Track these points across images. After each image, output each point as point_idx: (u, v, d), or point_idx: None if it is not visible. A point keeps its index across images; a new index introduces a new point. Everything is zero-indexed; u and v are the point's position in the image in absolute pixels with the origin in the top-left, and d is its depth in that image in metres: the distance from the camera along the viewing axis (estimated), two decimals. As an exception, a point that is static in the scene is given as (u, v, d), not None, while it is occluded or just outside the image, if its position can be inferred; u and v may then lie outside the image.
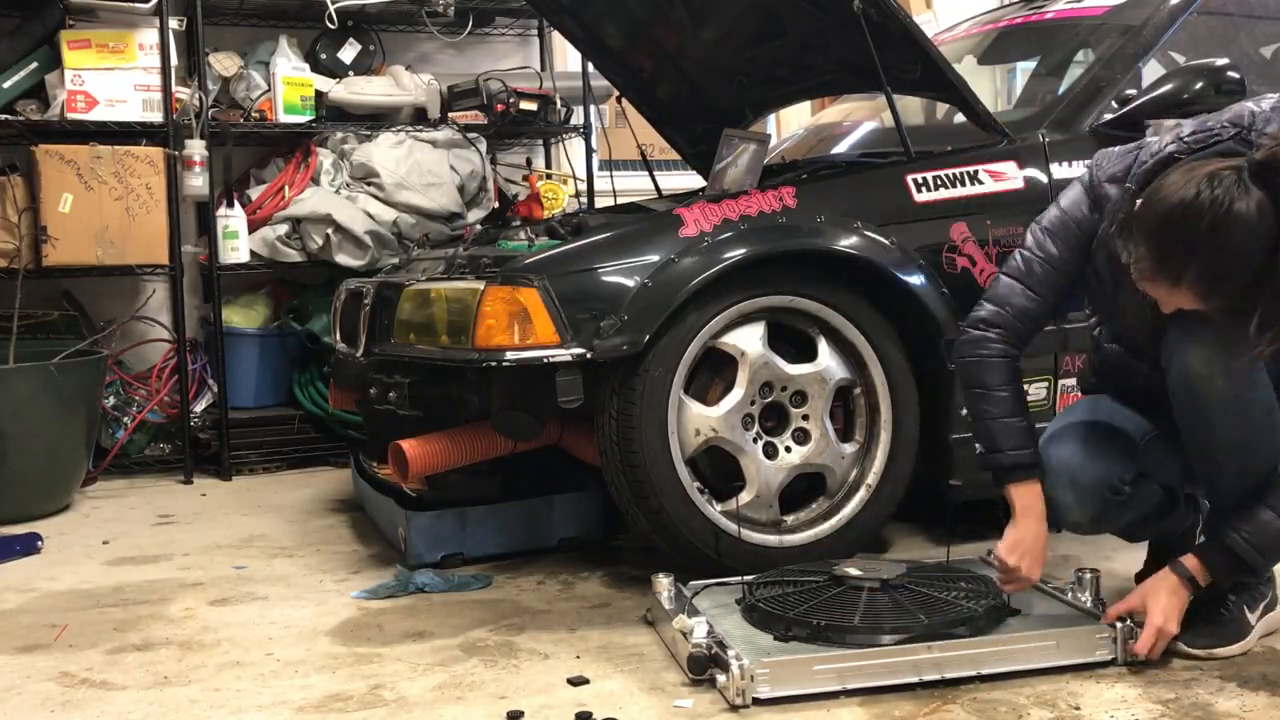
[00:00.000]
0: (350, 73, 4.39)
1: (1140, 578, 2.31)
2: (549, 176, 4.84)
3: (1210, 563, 2.05)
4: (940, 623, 2.04)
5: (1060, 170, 2.77)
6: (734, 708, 1.91)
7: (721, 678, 1.94)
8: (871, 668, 1.97)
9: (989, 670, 2.00)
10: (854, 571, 2.20)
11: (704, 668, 1.98)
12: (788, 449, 2.61)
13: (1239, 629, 2.11)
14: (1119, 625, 2.05)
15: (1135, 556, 2.54)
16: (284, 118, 4.18)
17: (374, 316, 2.84)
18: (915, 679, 1.97)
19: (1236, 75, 2.73)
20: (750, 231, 2.55)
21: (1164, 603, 2.04)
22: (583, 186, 4.82)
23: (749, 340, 2.58)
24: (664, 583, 2.26)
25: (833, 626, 2.03)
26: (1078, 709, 1.89)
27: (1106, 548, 2.77)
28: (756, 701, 1.90)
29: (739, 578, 2.34)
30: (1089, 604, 2.18)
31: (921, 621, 2.04)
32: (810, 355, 2.63)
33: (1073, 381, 2.76)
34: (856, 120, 3.74)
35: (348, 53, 4.40)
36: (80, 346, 3.74)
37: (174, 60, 4.00)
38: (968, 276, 2.68)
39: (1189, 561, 2.06)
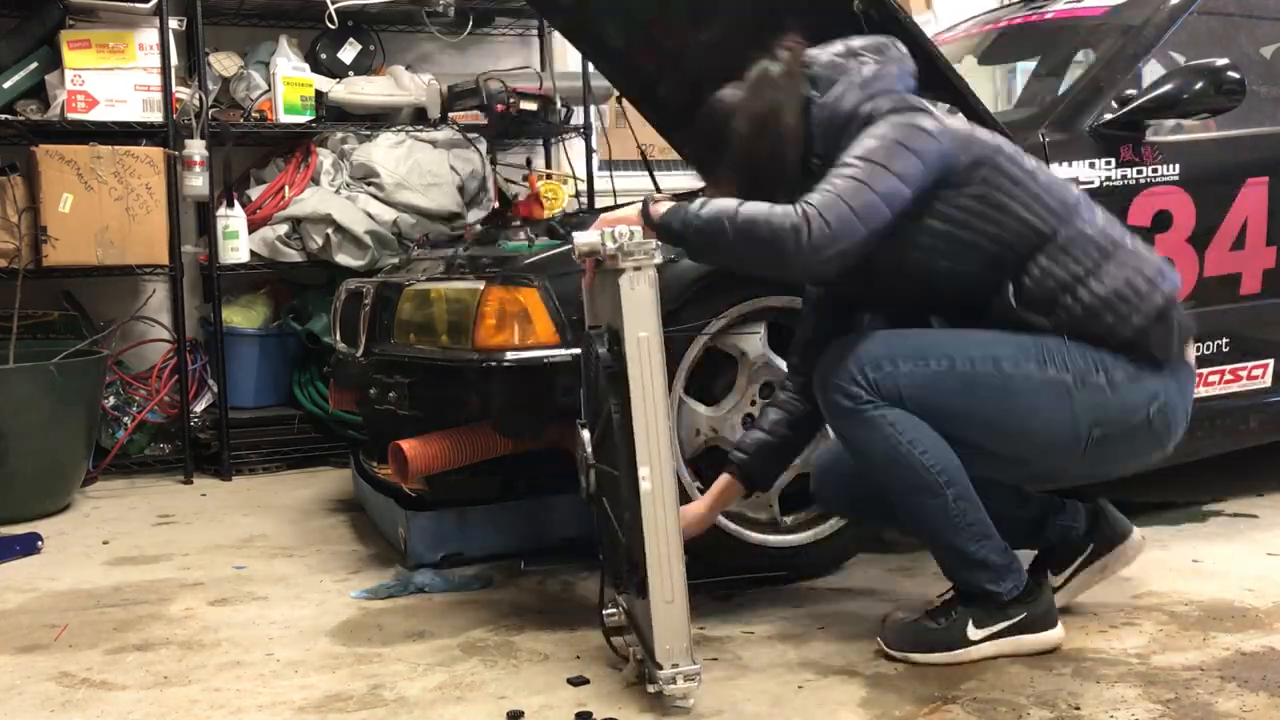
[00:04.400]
0: (350, 73, 4.39)
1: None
2: (549, 176, 4.84)
3: (669, 216, 2.01)
4: None
5: (1060, 170, 2.77)
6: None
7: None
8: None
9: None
10: None
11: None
12: (788, 449, 2.61)
13: (948, 639, 2.10)
14: None
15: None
16: (284, 118, 4.18)
17: (374, 316, 2.84)
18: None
19: (1236, 75, 2.73)
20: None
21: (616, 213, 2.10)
22: (583, 186, 4.82)
23: (749, 340, 2.58)
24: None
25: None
26: (1077, 709, 1.89)
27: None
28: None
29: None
30: None
31: None
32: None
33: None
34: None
35: (348, 53, 4.40)
36: (80, 346, 3.74)
37: (174, 60, 4.00)
38: (968, 276, 2.67)
39: (659, 210, 2.04)
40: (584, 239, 2.00)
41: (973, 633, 2.10)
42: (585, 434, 2.13)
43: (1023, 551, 2.23)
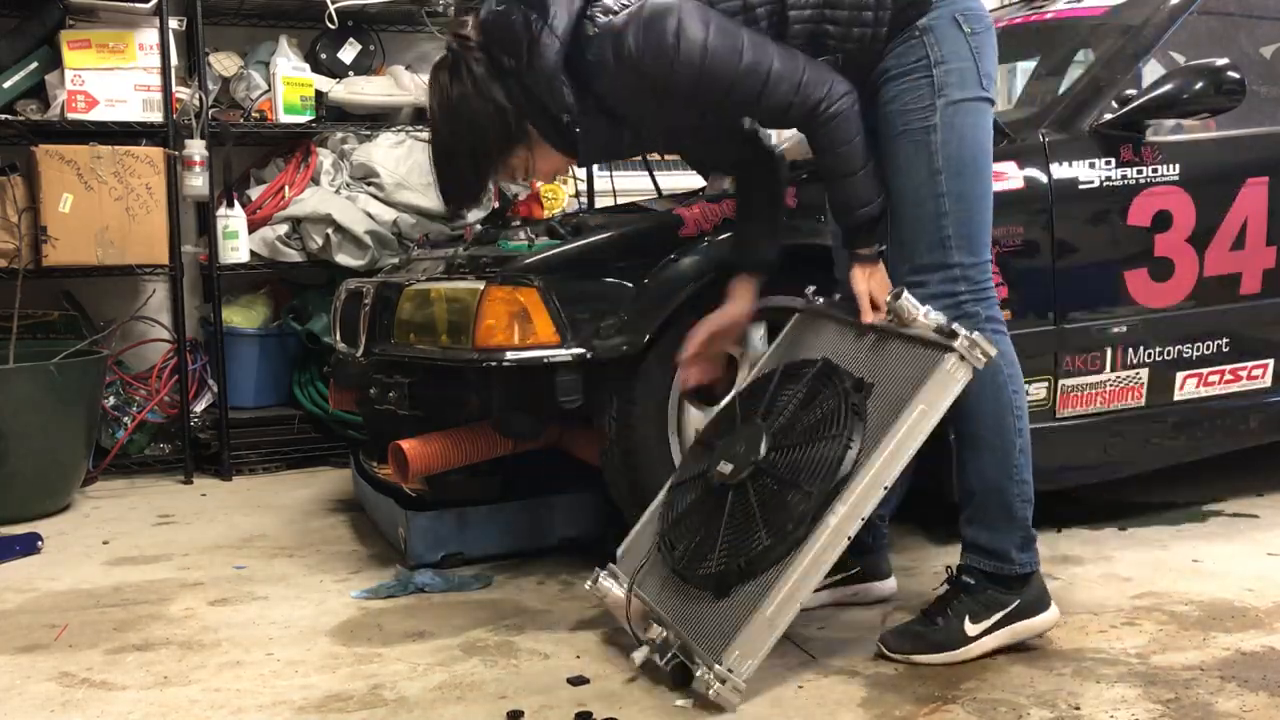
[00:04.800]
0: (350, 73, 4.38)
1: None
2: (549, 176, 4.83)
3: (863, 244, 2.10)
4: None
5: (1060, 170, 2.77)
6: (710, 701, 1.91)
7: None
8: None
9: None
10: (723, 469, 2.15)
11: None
12: (788, 449, 2.61)
13: (949, 639, 2.09)
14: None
15: (1138, 556, 2.54)
16: (284, 118, 4.18)
17: (374, 316, 2.84)
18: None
19: (1236, 75, 2.73)
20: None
21: (858, 275, 2.12)
22: (583, 186, 4.82)
23: (749, 340, 2.57)
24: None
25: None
26: (1077, 709, 1.89)
27: (1108, 547, 2.77)
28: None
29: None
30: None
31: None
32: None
33: (1073, 381, 2.77)
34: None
35: (348, 53, 4.40)
36: (80, 346, 3.74)
37: (174, 60, 4.00)
38: (968, 276, 2.67)
39: (860, 252, 2.11)
40: (928, 314, 2.02)
41: (970, 628, 2.10)
42: (762, 425, 2.13)
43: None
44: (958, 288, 2.09)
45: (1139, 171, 2.81)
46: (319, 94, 4.25)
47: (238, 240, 4.04)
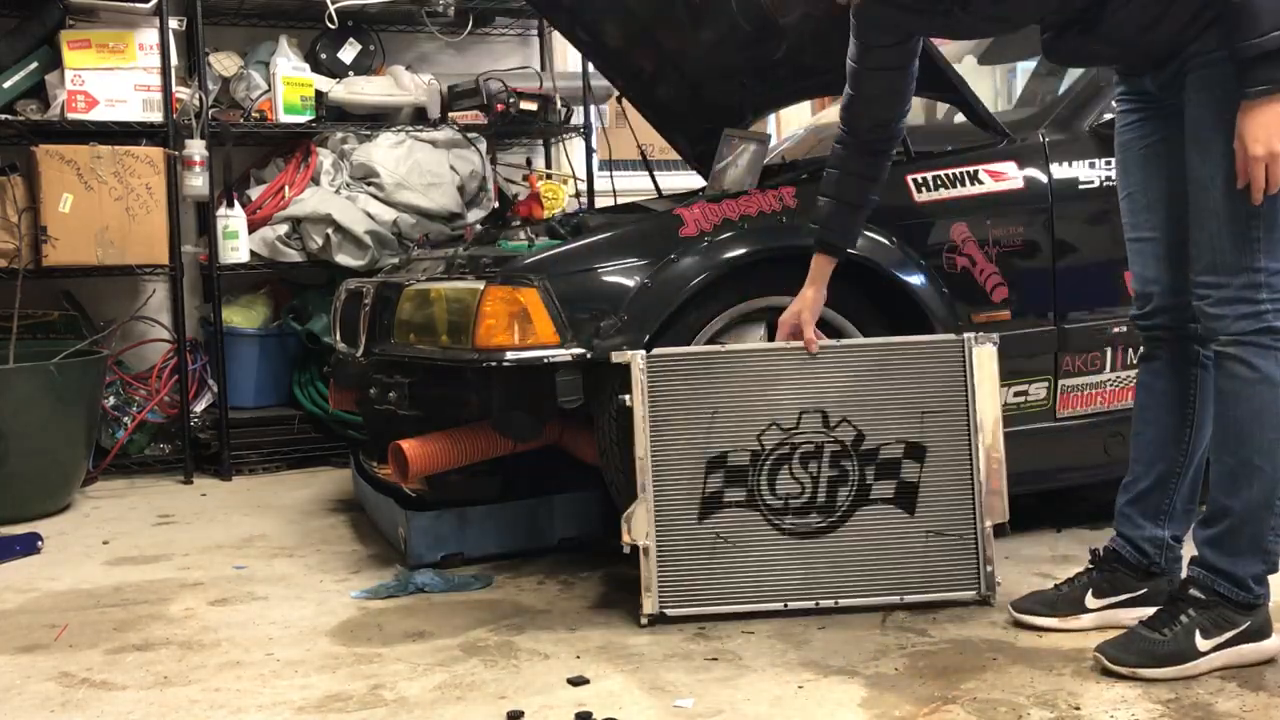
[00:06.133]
0: (350, 73, 4.39)
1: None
2: (549, 176, 4.85)
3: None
4: None
5: (1060, 170, 2.77)
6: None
7: None
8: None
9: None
10: None
11: None
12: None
13: (1179, 652, 1.98)
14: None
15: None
16: (284, 118, 4.18)
17: (374, 316, 2.84)
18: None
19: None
20: (750, 231, 2.56)
21: (1251, 122, 1.86)
22: (583, 186, 4.82)
23: (749, 340, 2.58)
24: None
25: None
26: (1078, 709, 1.89)
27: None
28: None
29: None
30: None
31: None
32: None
33: (1074, 381, 2.76)
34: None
35: (348, 53, 4.40)
36: (80, 346, 3.74)
37: (174, 60, 4.00)
38: (968, 276, 2.68)
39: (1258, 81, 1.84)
40: None
41: (1201, 643, 1.97)
42: None
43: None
44: (1259, 295, 1.94)
45: (1139, 171, 2.80)
46: (319, 94, 4.25)
47: (238, 240, 4.04)
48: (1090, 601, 2.22)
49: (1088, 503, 3.06)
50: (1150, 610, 2.09)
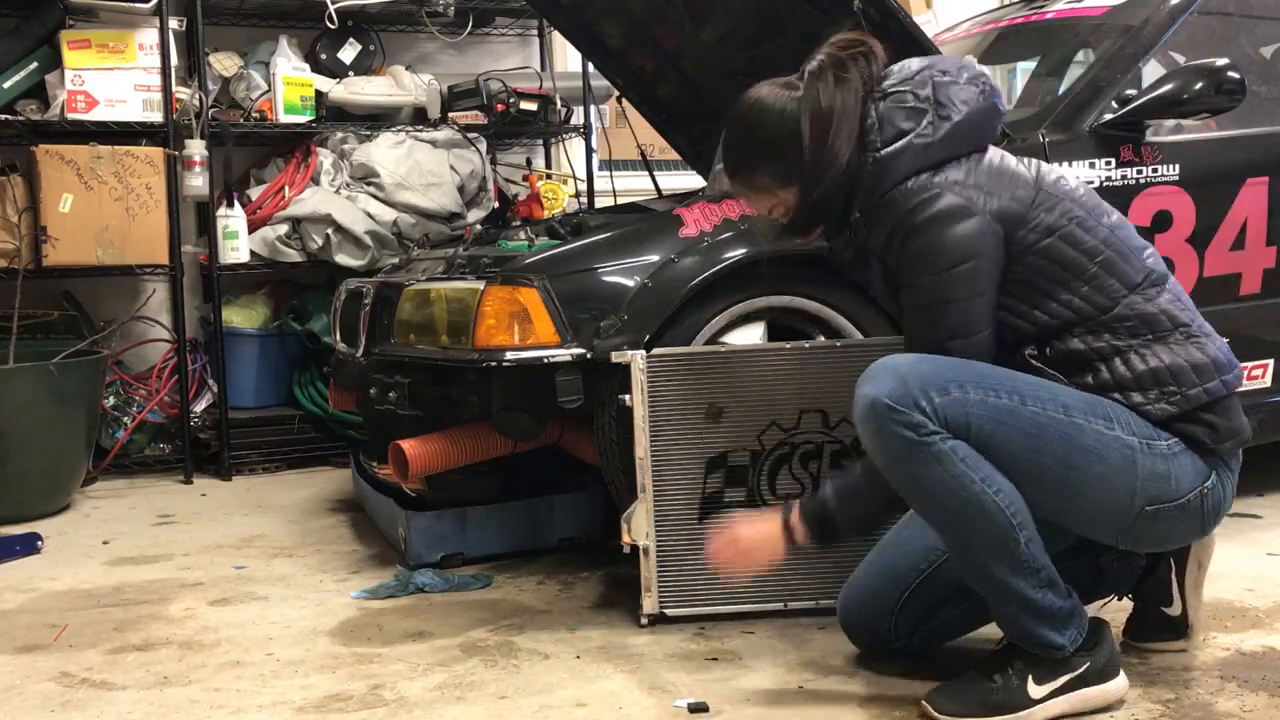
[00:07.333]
0: (350, 73, 4.39)
1: (1128, 630, 2.18)
2: (549, 176, 4.84)
3: (804, 510, 1.94)
4: None
5: (1060, 170, 2.76)
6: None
7: None
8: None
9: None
10: None
11: None
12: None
13: (1009, 702, 1.86)
14: None
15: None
16: (284, 118, 4.18)
17: (374, 316, 2.84)
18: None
19: (1236, 75, 2.73)
20: (750, 231, 2.55)
21: (747, 523, 2.00)
22: (583, 186, 4.82)
23: (749, 340, 2.58)
24: None
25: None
26: (1078, 709, 1.89)
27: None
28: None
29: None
30: None
31: None
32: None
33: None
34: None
35: (348, 53, 4.40)
36: (80, 346, 3.74)
37: (174, 60, 4.00)
38: (968, 276, 2.67)
39: (794, 518, 1.94)
40: None
41: (1034, 690, 1.86)
42: None
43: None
44: None
45: (1139, 171, 2.81)
46: (319, 94, 4.25)
47: (238, 240, 4.04)
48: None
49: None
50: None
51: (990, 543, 1.81)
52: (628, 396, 2.31)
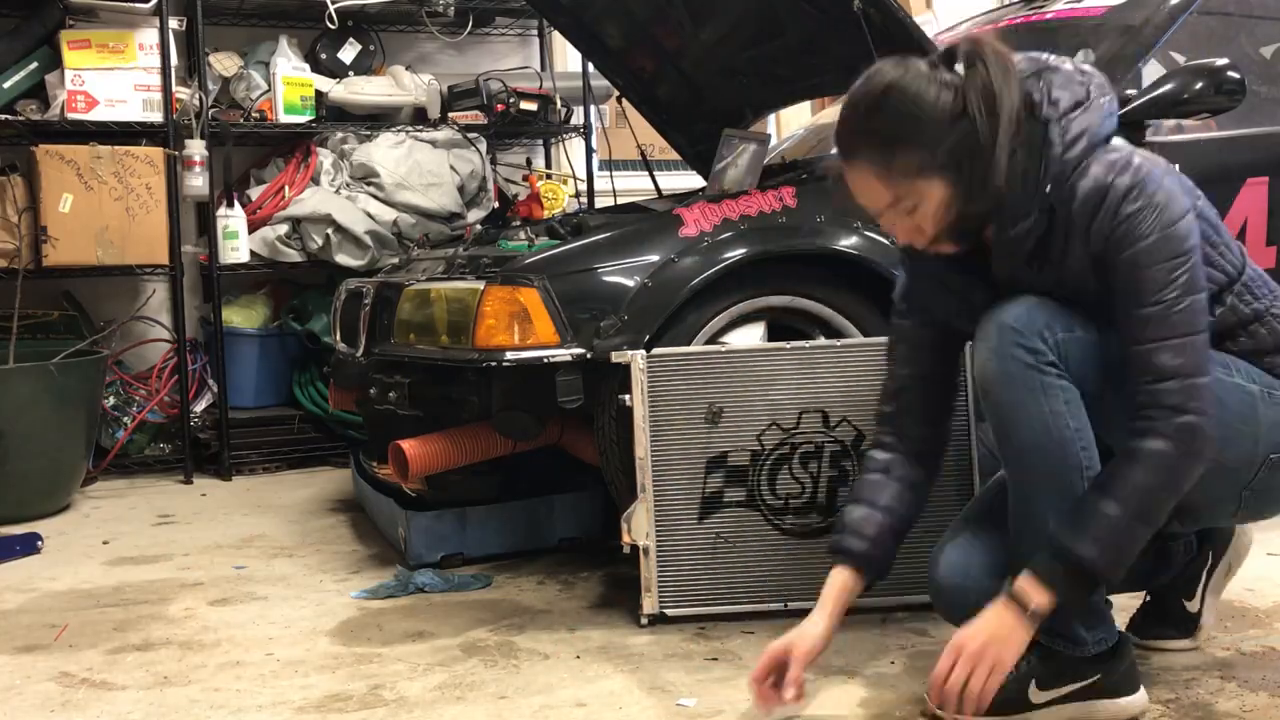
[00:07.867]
0: (350, 73, 4.39)
1: (1133, 625, 2.15)
2: (549, 176, 4.85)
3: (1044, 573, 1.70)
4: None
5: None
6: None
7: None
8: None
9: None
10: None
11: None
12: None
13: (1008, 701, 1.78)
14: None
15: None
16: (284, 118, 4.18)
17: (374, 316, 2.84)
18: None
19: (1236, 75, 2.73)
20: (750, 231, 2.56)
21: (975, 626, 1.75)
22: (583, 186, 4.82)
23: (749, 340, 2.58)
24: None
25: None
26: (1078, 709, 1.89)
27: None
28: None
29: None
30: None
31: None
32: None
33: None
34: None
35: (348, 53, 4.40)
36: (80, 346, 3.74)
37: (174, 60, 4.00)
38: (968, 276, 2.67)
39: (1021, 580, 1.72)
40: None
41: (1035, 695, 1.81)
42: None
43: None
44: None
45: (1139, 171, 2.80)
46: (319, 94, 4.25)
47: (238, 240, 4.04)
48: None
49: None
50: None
51: (1055, 495, 1.73)
52: (628, 396, 2.31)
